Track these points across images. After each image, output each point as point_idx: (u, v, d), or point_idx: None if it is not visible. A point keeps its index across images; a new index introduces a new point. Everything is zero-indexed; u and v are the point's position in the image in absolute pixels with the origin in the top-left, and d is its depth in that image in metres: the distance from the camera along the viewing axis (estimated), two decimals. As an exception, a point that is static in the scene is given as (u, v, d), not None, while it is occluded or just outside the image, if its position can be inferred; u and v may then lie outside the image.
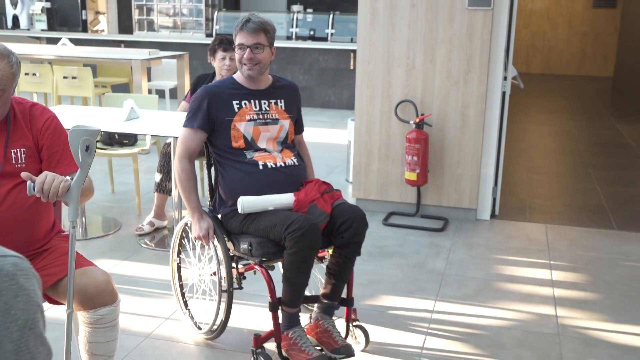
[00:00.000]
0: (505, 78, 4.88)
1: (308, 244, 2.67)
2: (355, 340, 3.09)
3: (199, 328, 3.18)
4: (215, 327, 3.06)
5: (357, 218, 2.84)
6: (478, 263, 4.18)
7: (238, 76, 3.10)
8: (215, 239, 2.98)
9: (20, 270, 1.31)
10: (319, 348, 2.85)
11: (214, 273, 3.07)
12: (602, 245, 4.52)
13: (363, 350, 3.07)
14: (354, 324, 3.08)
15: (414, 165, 4.75)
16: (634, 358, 3.09)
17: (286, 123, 3.08)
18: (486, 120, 4.84)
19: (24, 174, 2.16)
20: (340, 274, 2.91)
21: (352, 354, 2.82)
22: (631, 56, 11.19)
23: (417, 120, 4.76)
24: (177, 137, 4.07)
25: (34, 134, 2.43)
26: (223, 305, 2.99)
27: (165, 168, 4.56)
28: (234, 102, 3.00)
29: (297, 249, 2.66)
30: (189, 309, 3.29)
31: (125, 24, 13.31)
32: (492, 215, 5.08)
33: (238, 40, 2.97)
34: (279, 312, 2.84)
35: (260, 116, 3.02)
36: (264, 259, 2.84)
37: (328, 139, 7.86)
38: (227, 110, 2.98)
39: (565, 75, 15.46)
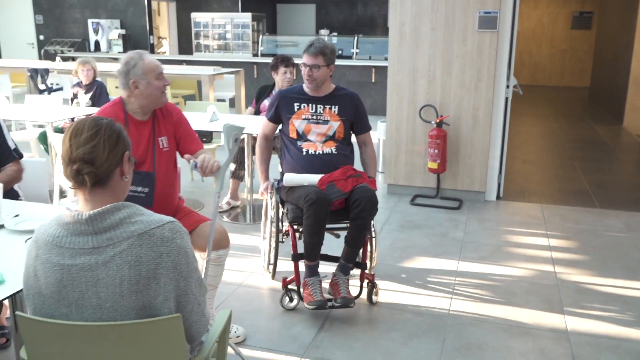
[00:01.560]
0: (507, 86, 5.11)
1: (315, 211, 2.96)
2: (367, 297, 3.28)
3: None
4: (271, 265, 3.51)
5: (365, 199, 3.03)
6: (489, 233, 4.42)
7: (305, 85, 3.38)
8: (273, 200, 3.36)
9: (175, 233, 1.56)
10: (329, 296, 3.09)
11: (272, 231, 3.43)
12: (587, 220, 4.75)
13: (374, 303, 3.34)
14: (367, 284, 3.26)
15: (435, 156, 4.99)
16: (617, 302, 3.33)
17: (335, 124, 3.32)
18: (493, 121, 5.07)
19: (187, 156, 2.50)
20: (353, 241, 3.11)
21: (347, 305, 2.99)
22: (604, 69, 11.31)
23: (437, 120, 5.00)
24: (248, 134, 4.41)
25: (172, 125, 2.76)
26: (272, 254, 3.45)
27: (238, 159, 4.85)
28: (295, 104, 3.31)
29: (307, 215, 2.97)
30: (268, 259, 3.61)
31: (183, 47, 13.64)
32: (498, 197, 5.31)
33: (303, 59, 3.26)
34: (301, 263, 3.15)
35: (314, 117, 3.31)
36: (294, 222, 3.15)
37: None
38: (289, 109, 3.32)
39: (549, 86, 15.55)
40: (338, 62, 10.41)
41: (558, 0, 15.18)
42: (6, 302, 2.81)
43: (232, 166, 4.89)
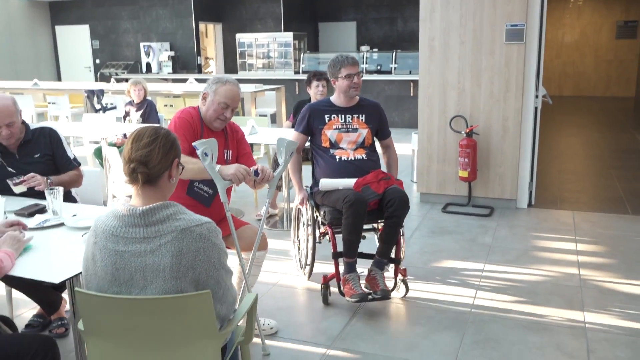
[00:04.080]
0: (536, 96, 5.22)
1: (355, 211, 3.19)
2: (399, 290, 3.50)
3: (301, 270, 3.81)
4: (307, 266, 3.71)
5: (398, 199, 3.28)
6: (518, 238, 4.53)
7: (333, 98, 3.62)
8: (308, 207, 3.59)
9: (211, 232, 1.82)
10: (367, 290, 3.29)
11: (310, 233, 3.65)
12: (618, 226, 4.79)
13: (403, 298, 3.52)
14: (400, 278, 3.48)
15: (465, 165, 5.15)
16: (639, 302, 3.42)
17: (364, 132, 3.57)
18: (522, 130, 5.19)
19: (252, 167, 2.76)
20: (387, 238, 3.35)
21: (387, 297, 3.25)
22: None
23: (467, 130, 5.16)
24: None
25: (237, 141, 3.06)
26: (310, 255, 3.64)
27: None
28: (326, 116, 3.56)
29: (347, 215, 3.20)
30: (299, 260, 3.85)
31: (229, 66, 14.17)
32: (529, 205, 5.40)
33: (346, 72, 3.47)
34: (340, 261, 3.36)
35: (344, 126, 3.55)
36: (333, 223, 3.38)
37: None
38: (320, 121, 3.56)
39: (593, 97, 15.33)
40: (377, 77, 10.67)
41: (602, 9, 15.02)
42: (65, 296, 3.15)
43: (271, 177, 5.17)
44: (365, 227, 3.54)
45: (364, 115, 3.59)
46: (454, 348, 2.93)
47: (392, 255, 3.45)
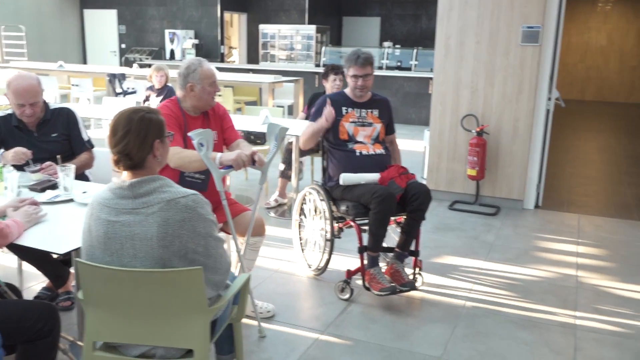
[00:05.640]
0: (549, 99, 5.23)
1: (386, 206, 3.23)
2: (416, 281, 3.56)
3: (310, 266, 3.80)
4: (320, 265, 3.69)
5: (423, 192, 3.34)
6: (520, 238, 4.57)
7: (347, 91, 3.68)
8: (324, 203, 3.59)
9: (196, 203, 1.91)
10: (391, 283, 3.36)
11: (322, 228, 3.67)
12: (623, 231, 4.80)
13: (422, 289, 3.59)
14: (417, 270, 3.55)
15: (474, 164, 5.18)
16: (632, 305, 3.44)
17: (378, 126, 3.63)
18: (533, 131, 5.21)
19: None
20: (409, 232, 3.42)
21: (414, 288, 3.35)
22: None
23: (478, 129, 5.19)
24: (297, 136, 4.70)
25: (219, 118, 3.14)
26: (327, 250, 3.62)
27: (287, 160, 5.22)
28: (343, 108, 3.60)
29: (378, 210, 3.23)
30: (304, 255, 3.91)
31: (252, 56, 14.28)
32: (536, 206, 5.42)
33: (352, 72, 3.52)
34: (364, 255, 3.39)
35: (360, 120, 3.60)
36: (356, 217, 3.42)
37: (408, 147, 8.29)
38: (338, 112, 3.58)
39: (616, 103, 15.16)
40: (397, 73, 10.68)
41: (629, 15, 14.82)
42: (73, 270, 3.28)
43: (282, 166, 5.26)
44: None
45: (377, 110, 3.65)
46: (443, 339, 3.00)
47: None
